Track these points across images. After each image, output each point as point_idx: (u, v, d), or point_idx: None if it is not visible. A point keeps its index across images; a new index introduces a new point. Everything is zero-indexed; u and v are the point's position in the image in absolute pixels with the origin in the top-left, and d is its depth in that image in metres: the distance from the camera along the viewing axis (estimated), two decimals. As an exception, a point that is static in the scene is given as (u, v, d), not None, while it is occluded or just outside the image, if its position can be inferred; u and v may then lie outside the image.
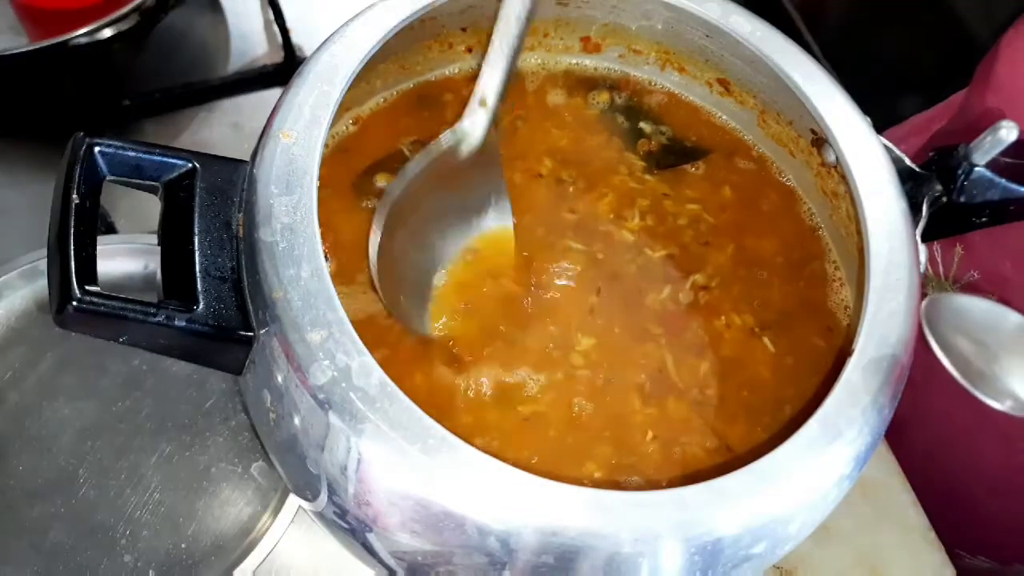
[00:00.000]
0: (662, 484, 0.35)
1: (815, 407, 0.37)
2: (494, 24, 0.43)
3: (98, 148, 0.37)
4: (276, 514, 0.47)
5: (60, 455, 0.47)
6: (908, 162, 0.44)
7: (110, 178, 0.38)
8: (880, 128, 0.45)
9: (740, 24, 0.45)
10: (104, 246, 0.41)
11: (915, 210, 0.43)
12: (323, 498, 0.37)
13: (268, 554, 0.47)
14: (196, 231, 0.37)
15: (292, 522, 0.47)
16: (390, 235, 0.41)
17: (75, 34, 0.62)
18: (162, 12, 0.66)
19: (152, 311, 0.35)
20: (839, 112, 0.44)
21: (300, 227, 0.36)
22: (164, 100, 0.69)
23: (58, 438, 0.47)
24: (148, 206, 0.39)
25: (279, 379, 0.35)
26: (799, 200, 0.48)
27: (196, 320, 0.35)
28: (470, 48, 0.49)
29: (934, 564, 0.57)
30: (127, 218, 0.62)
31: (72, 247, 0.35)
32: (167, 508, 0.46)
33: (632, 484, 0.39)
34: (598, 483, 0.38)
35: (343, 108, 0.44)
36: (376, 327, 0.41)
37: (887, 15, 1.07)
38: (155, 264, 0.38)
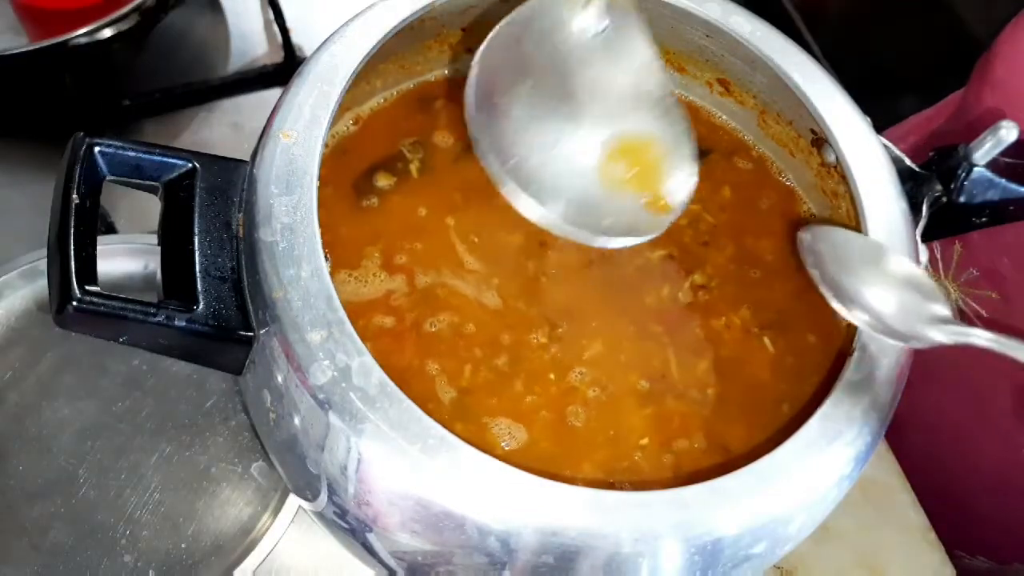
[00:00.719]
0: (661, 485, 0.35)
1: (815, 407, 0.37)
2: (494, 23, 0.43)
3: (98, 148, 0.37)
4: (276, 514, 0.47)
5: (60, 455, 0.47)
6: (908, 162, 0.44)
7: (110, 178, 0.38)
8: (880, 128, 0.45)
9: (740, 24, 0.45)
10: (104, 246, 0.41)
11: (915, 210, 0.43)
12: (323, 498, 0.37)
13: (268, 554, 0.47)
14: (196, 231, 0.37)
15: (292, 522, 0.47)
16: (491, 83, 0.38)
17: (75, 34, 0.62)
18: (162, 12, 0.66)
19: (152, 311, 0.35)
20: (839, 112, 0.44)
21: (300, 227, 0.36)
22: (164, 100, 0.69)
23: (58, 438, 0.47)
24: (148, 206, 0.39)
25: (279, 379, 0.35)
26: (799, 200, 0.48)
27: (196, 320, 0.35)
28: (470, 48, 0.49)
29: (934, 564, 0.57)
30: (127, 218, 0.62)
31: (72, 247, 0.35)
32: (167, 508, 0.46)
33: (630, 485, 0.39)
34: (595, 484, 0.38)
35: (343, 108, 0.44)
36: (381, 308, 0.41)
37: (887, 15, 1.07)
38: (155, 264, 0.38)
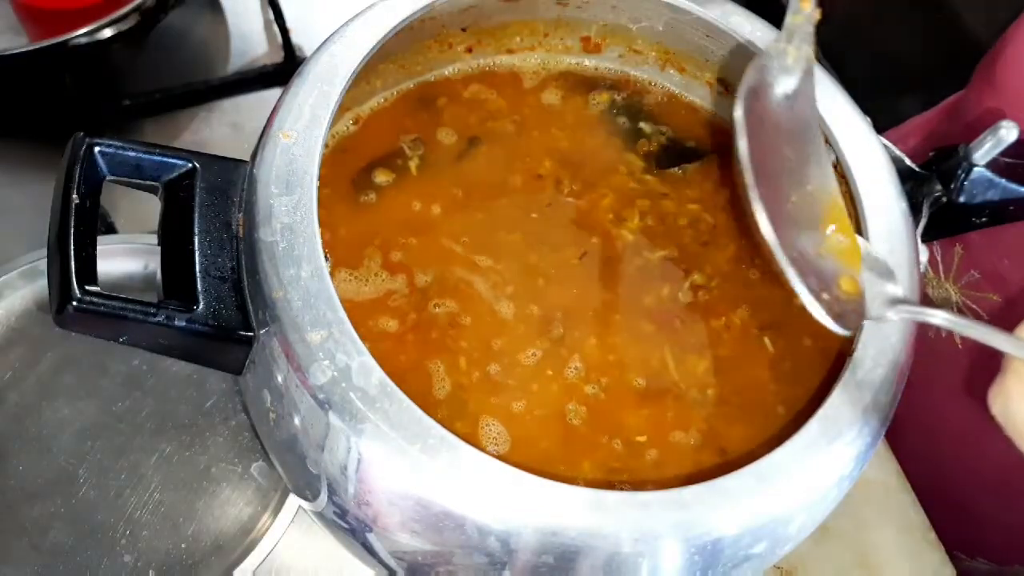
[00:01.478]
0: (661, 485, 0.35)
1: (815, 407, 0.37)
2: (493, 24, 0.43)
3: (98, 148, 0.37)
4: (276, 514, 0.47)
5: (60, 455, 0.47)
6: (908, 162, 0.44)
7: (110, 178, 0.38)
8: (880, 128, 0.45)
9: (740, 24, 0.45)
10: (104, 246, 0.41)
11: (915, 210, 0.43)
12: (323, 498, 0.37)
13: (268, 554, 0.47)
14: (196, 231, 0.37)
15: (292, 522, 0.47)
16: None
17: (75, 34, 0.62)
18: (162, 12, 0.66)
19: (152, 311, 0.35)
20: (839, 112, 0.44)
21: (300, 227, 0.36)
22: (164, 100, 0.69)
23: (58, 438, 0.47)
24: (148, 206, 0.39)
25: (279, 379, 0.35)
26: (799, 200, 0.48)
27: (196, 320, 0.35)
28: (470, 48, 0.49)
29: (934, 564, 0.57)
30: (127, 218, 0.62)
31: (72, 247, 0.35)
32: (167, 508, 0.46)
33: (630, 485, 0.39)
34: (595, 484, 0.38)
35: (343, 108, 0.44)
36: (380, 307, 0.41)
37: (887, 15, 1.07)
38: (155, 264, 0.38)
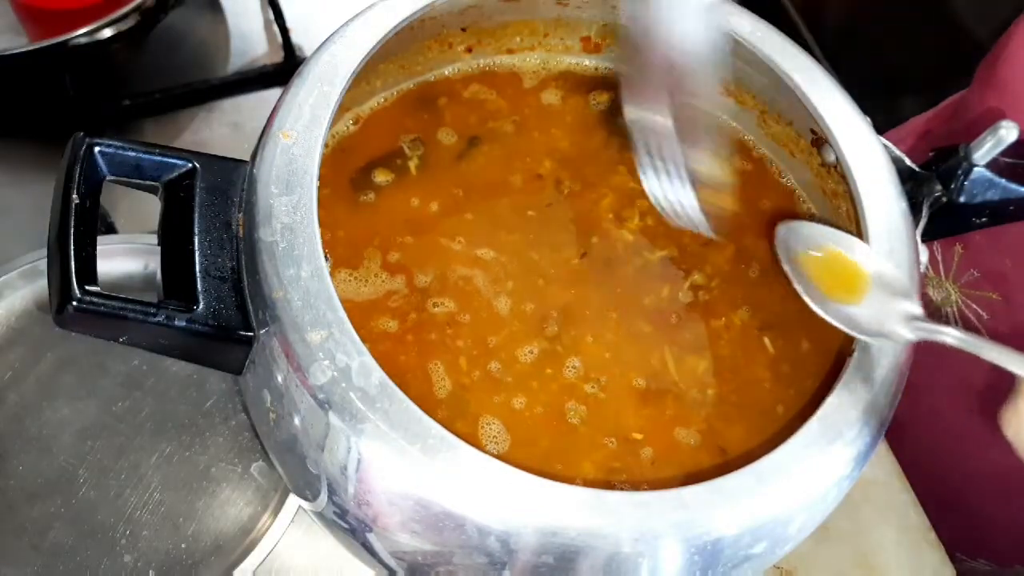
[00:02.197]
0: (661, 485, 0.35)
1: (814, 408, 0.37)
2: (493, 24, 0.43)
3: (98, 148, 0.37)
4: (276, 514, 0.47)
5: (60, 455, 0.47)
6: (908, 162, 0.44)
7: (110, 178, 0.38)
8: (880, 128, 0.45)
9: (740, 24, 0.45)
10: (104, 246, 0.41)
11: (915, 210, 0.43)
12: (323, 498, 0.37)
13: (268, 554, 0.47)
14: (196, 231, 0.37)
15: (292, 522, 0.47)
16: None
17: (75, 34, 0.62)
18: (162, 12, 0.66)
19: (152, 311, 0.35)
20: (839, 112, 0.44)
21: (300, 227, 0.36)
22: (164, 100, 0.69)
23: (58, 438, 0.47)
24: (148, 206, 0.39)
25: (279, 379, 0.35)
26: (799, 200, 0.48)
27: (196, 320, 0.35)
28: (470, 48, 0.49)
29: (934, 564, 0.57)
30: (127, 218, 0.62)
31: (72, 247, 0.35)
32: (167, 508, 0.46)
33: (630, 485, 0.39)
34: (595, 483, 0.38)
35: (343, 108, 0.44)
36: (380, 307, 0.41)
37: (887, 15, 1.07)
38: (155, 264, 0.38)
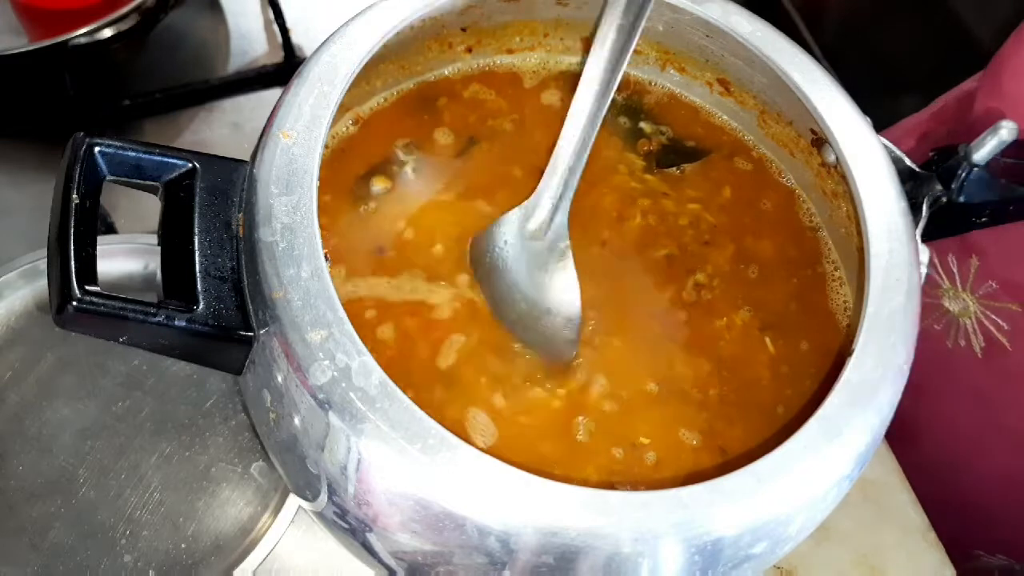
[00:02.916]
0: (661, 485, 0.35)
1: (814, 408, 0.37)
2: (493, 24, 0.43)
3: (98, 148, 0.37)
4: (276, 514, 0.47)
5: (60, 455, 0.47)
6: (908, 162, 0.44)
7: (110, 178, 0.38)
8: (880, 128, 0.45)
9: (740, 24, 0.45)
10: (104, 246, 0.41)
11: (915, 210, 0.43)
12: (323, 498, 0.37)
13: (268, 554, 0.47)
14: (196, 231, 0.37)
15: (292, 522, 0.47)
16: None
17: (75, 34, 0.62)
18: (162, 12, 0.66)
19: (152, 311, 0.35)
20: (839, 112, 0.44)
21: (300, 227, 0.36)
22: (164, 100, 0.69)
23: (58, 438, 0.47)
24: (148, 206, 0.39)
25: (279, 379, 0.35)
26: (799, 200, 0.48)
27: (196, 320, 0.35)
28: (470, 48, 0.49)
29: (934, 564, 0.57)
30: (127, 218, 0.62)
31: (72, 247, 0.35)
32: (167, 508, 0.46)
33: (630, 485, 0.39)
34: (595, 484, 0.38)
35: (343, 108, 0.44)
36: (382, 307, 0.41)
37: (887, 15, 1.07)
38: (155, 264, 0.38)
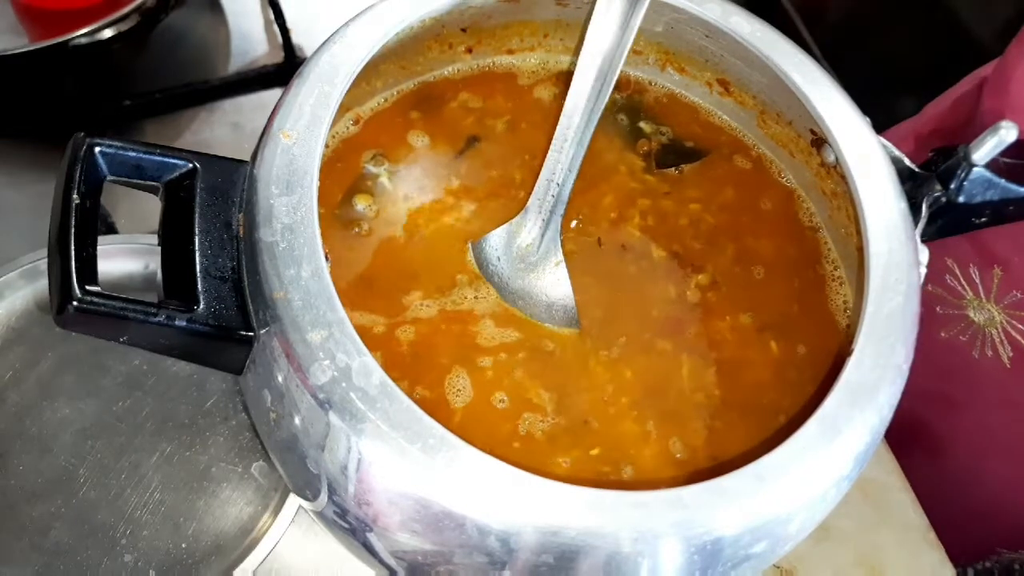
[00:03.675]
0: (661, 485, 0.35)
1: (814, 408, 0.37)
2: (493, 25, 0.43)
3: (98, 148, 0.37)
4: (276, 514, 0.47)
5: (60, 455, 0.47)
6: (908, 162, 0.44)
7: (110, 178, 0.38)
8: (880, 128, 0.45)
9: (740, 24, 0.45)
10: (104, 246, 0.41)
11: (915, 210, 0.43)
12: (323, 498, 0.37)
13: (268, 554, 0.47)
14: (196, 231, 0.37)
15: (292, 522, 0.47)
16: None
17: (75, 34, 0.62)
18: (162, 12, 0.67)
19: (152, 311, 0.35)
20: (839, 112, 0.44)
21: (300, 227, 0.36)
22: (164, 100, 0.69)
23: (58, 438, 0.47)
24: (148, 206, 0.39)
25: (279, 379, 0.35)
26: (799, 200, 0.48)
27: (196, 320, 0.35)
28: (470, 48, 0.49)
29: (934, 564, 0.57)
30: (127, 218, 0.62)
31: (72, 247, 0.35)
32: (167, 508, 0.46)
33: (630, 485, 0.39)
34: (596, 483, 0.38)
35: (343, 108, 0.44)
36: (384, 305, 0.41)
37: (887, 15, 1.07)
38: (155, 264, 0.38)
